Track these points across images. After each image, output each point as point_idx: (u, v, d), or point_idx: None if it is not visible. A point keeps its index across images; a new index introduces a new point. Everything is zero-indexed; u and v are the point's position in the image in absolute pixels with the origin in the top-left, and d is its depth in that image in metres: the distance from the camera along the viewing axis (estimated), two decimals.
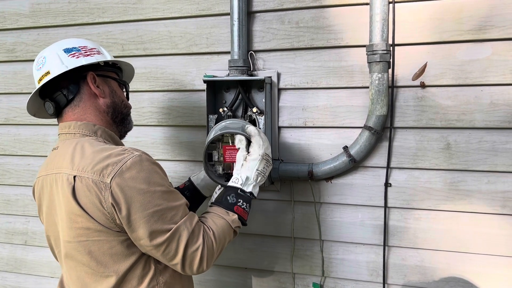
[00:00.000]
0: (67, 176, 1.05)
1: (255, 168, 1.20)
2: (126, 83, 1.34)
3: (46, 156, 1.64)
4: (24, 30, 1.90)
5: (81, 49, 1.20)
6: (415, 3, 1.43)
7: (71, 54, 1.17)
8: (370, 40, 1.42)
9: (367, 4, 1.46)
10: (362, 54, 1.48)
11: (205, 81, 1.52)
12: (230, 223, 1.15)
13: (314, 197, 1.61)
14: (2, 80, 1.97)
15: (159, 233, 1.02)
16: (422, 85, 1.46)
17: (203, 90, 1.64)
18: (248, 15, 1.59)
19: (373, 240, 1.58)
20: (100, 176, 1.01)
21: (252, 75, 1.60)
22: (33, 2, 1.86)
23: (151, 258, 1.10)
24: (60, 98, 1.17)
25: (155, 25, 1.72)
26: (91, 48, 1.22)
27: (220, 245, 1.13)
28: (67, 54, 1.17)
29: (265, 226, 1.70)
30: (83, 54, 1.19)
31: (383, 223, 1.55)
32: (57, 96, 1.17)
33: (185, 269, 1.07)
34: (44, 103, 1.20)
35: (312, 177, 1.55)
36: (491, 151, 1.43)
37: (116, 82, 1.28)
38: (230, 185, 1.21)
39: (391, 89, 1.47)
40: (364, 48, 1.45)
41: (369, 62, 1.43)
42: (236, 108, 1.61)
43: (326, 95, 1.56)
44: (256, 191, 1.22)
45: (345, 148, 1.52)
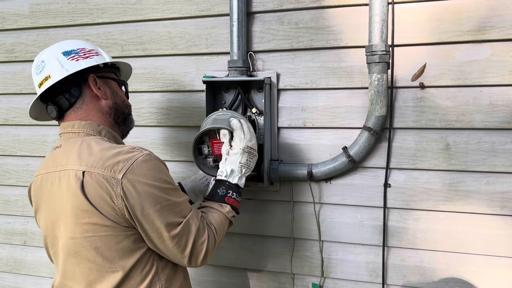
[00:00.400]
0: (75, 172, 1.06)
1: (237, 161, 1.26)
2: (126, 83, 1.34)
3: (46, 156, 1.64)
4: (23, 31, 1.90)
5: (80, 51, 1.20)
6: (415, 4, 1.44)
7: (71, 57, 1.18)
8: (370, 40, 1.42)
9: (366, 5, 1.46)
10: (361, 54, 1.48)
11: (204, 82, 1.53)
12: (225, 215, 1.22)
13: (313, 198, 1.61)
14: (1, 80, 1.97)
15: (173, 225, 1.07)
16: (422, 86, 1.46)
17: (202, 91, 1.64)
18: (248, 15, 1.59)
19: (373, 240, 1.58)
20: (111, 172, 1.03)
21: (251, 75, 1.60)
22: (32, 3, 1.86)
23: (154, 255, 1.12)
24: (62, 102, 1.18)
25: (154, 25, 1.72)
26: (89, 50, 1.22)
27: (220, 237, 1.19)
28: (67, 57, 1.18)
29: (265, 227, 1.70)
30: (82, 56, 1.19)
31: (382, 223, 1.55)
32: (60, 99, 1.18)
33: (191, 261, 1.12)
34: (47, 107, 1.21)
35: (311, 177, 1.55)
36: (490, 151, 1.43)
37: (116, 82, 1.29)
38: (218, 179, 1.27)
39: (391, 89, 1.47)
40: (364, 49, 1.45)
41: (368, 63, 1.44)
42: (235, 109, 1.61)
43: (326, 95, 1.57)
44: (242, 182, 1.28)
45: (345, 148, 1.52)
